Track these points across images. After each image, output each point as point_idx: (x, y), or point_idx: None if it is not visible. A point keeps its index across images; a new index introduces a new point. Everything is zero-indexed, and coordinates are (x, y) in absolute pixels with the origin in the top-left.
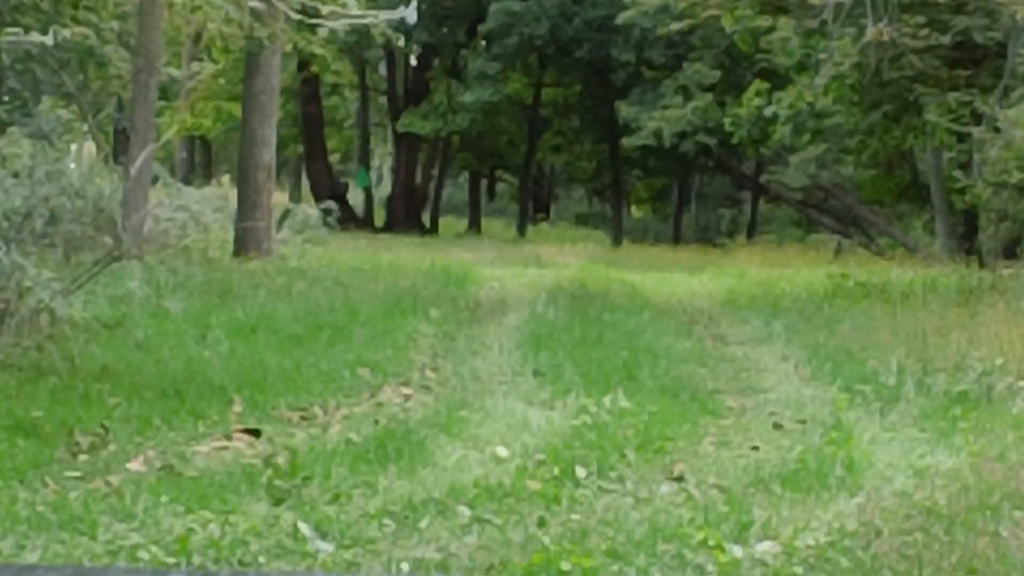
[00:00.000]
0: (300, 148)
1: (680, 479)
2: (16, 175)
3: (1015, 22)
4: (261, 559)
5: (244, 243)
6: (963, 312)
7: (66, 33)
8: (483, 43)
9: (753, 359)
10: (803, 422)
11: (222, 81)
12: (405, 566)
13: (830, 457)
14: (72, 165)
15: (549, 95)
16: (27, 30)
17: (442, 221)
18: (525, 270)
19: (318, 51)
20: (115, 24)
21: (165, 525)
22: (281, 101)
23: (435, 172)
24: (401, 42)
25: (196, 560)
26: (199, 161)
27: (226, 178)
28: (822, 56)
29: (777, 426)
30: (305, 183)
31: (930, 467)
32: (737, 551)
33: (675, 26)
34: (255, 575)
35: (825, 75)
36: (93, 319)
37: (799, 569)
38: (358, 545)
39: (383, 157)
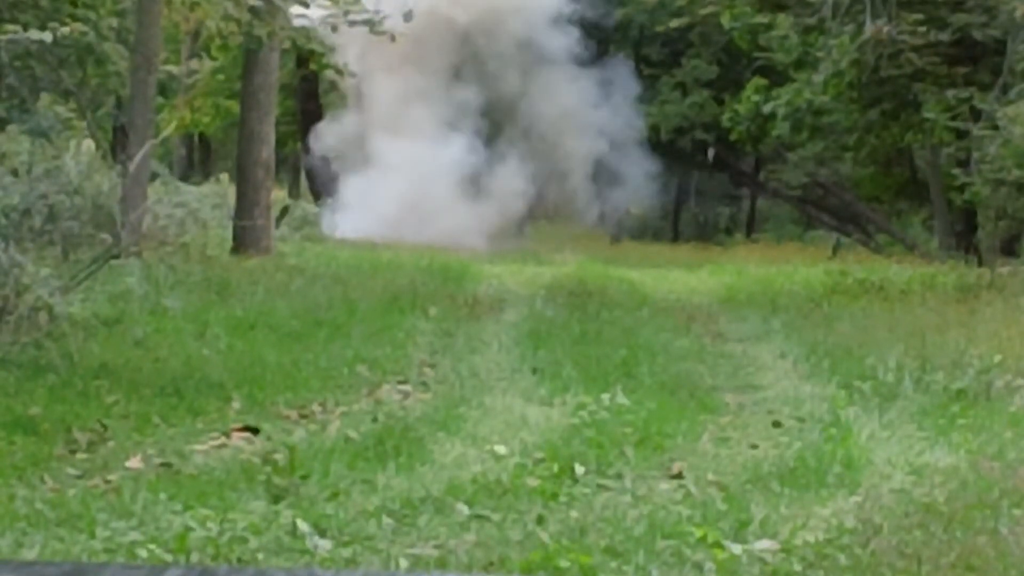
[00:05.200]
0: (299, 145)
1: (679, 476)
2: (15, 172)
3: (1014, 19)
4: (260, 556)
5: (243, 240)
6: (961, 309)
7: (65, 30)
8: None
9: (752, 356)
10: (802, 419)
11: (221, 78)
12: (403, 563)
13: (829, 454)
14: (71, 162)
15: None
16: (26, 27)
17: None
18: (523, 267)
19: (317, 48)
20: (114, 21)
21: (163, 522)
22: (280, 98)
23: None
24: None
25: (194, 557)
26: (198, 158)
27: (225, 175)
28: (820, 53)
29: (776, 423)
30: (304, 180)
31: (928, 465)
32: (736, 548)
33: (673, 23)
34: (254, 572)
35: (824, 72)
36: (92, 316)
37: (798, 567)
38: (356, 542)
39: None
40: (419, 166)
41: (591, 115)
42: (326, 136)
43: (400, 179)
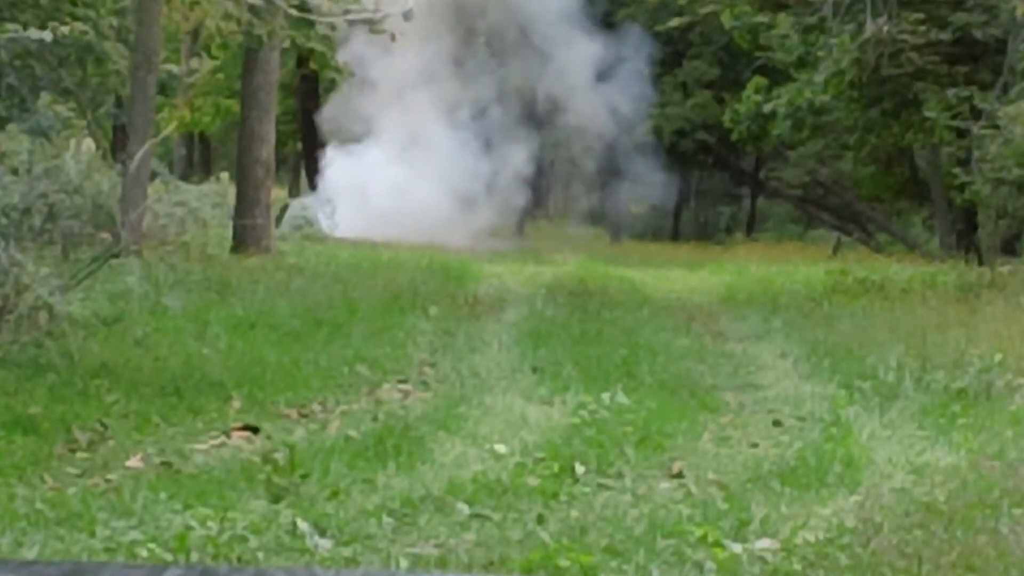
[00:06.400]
0: (299, 144)
1: (679, 476)
2: (15, 171)
3: (1014, 18)
4: (260, 555)
5: (243, 239)
6: (962, 309)
7: (64, 29)
8: None
9: (752, 356)
10: (802, 419)
11: (220, 77)
12: (404, 563)
13: (829, 454)
14: (70, 161)
15: None
16: (26, 26)
17: None
18: (524, 266)
19: (317, 47)
20: (114, 20)
21: (163, 522)
22: (280, 97)
23: None
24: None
25: (194, 557)
26: (198, 157)
27: (225, 174)
28: (821, 53)
29: (776, 423)
30: (304, 179)
31: (929, 464)
32: (736, 548)
33: (674, 22)
34: (254, 571)
35: (824, 71)
36: (92, 316)
37: (798, 566)
38: (357, 541)
39: None
40: (418, 158)
41: (599, 97)
42: (328, 122)
43: (399, 174)
